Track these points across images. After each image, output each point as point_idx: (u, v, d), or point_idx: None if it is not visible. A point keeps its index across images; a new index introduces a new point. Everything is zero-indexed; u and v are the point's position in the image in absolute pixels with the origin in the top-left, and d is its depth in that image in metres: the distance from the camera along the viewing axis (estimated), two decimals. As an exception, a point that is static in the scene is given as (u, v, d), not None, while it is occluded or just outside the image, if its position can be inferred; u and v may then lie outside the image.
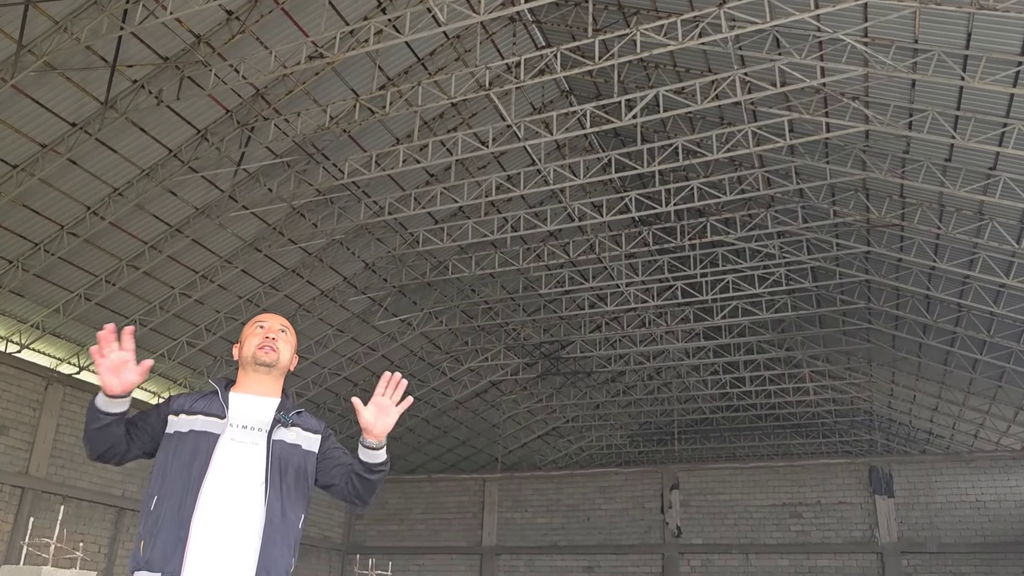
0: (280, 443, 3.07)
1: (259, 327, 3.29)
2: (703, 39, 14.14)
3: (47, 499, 18.84)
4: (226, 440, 3.01)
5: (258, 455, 3.02)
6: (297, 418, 3.19)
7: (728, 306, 25.56)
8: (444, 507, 28.97)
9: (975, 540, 22.99)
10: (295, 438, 3.14)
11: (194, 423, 3.05)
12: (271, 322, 3.33)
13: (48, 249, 17.65)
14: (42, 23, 13.83)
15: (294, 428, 3.15)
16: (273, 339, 3.24)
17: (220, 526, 2.88)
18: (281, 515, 2.98)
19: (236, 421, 3.07)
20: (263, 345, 3.22)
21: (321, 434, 3.24)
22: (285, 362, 3.27)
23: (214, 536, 2.86)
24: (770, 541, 24.88)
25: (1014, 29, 13.11)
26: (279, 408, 3.18)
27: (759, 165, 19.91)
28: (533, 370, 30.92)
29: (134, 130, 16.42)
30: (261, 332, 3.26)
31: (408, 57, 17.64)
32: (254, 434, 3.06)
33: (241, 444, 3.02)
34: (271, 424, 3.10)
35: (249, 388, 3.22)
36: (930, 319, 22.74)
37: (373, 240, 22.28)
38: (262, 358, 3.21)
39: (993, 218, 17.88)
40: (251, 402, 3.16)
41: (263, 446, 3.04)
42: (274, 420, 3.12)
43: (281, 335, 3.28)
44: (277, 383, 3.28)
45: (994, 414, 27.89)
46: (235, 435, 3.03)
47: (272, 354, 3.22)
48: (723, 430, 38.71)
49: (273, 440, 3.06)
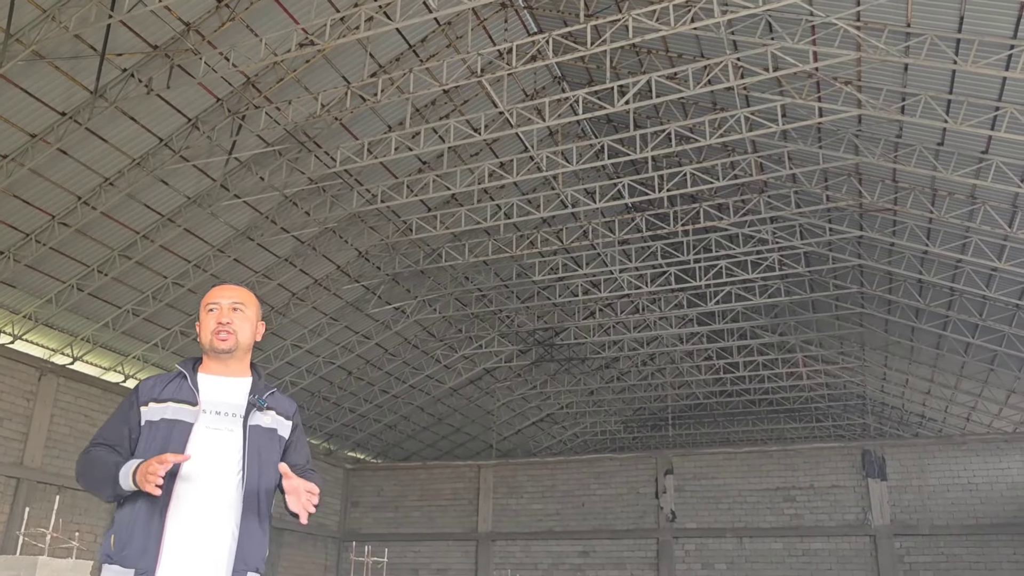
0: (257, 428, 2.96)
1: (211, 309, 3.07)
2: (695, 24, 14.10)
3: (42, 489, 18.84)
4: (200, 428, 2.88)
5: (234, 442, 2.91)
6: (271, 400, 3.06)
7: (721, 291, 25.60)
8: (439, 494, 29.06)
9: (967, 522, 23.17)
10: (271, 422, 3.03)
11: (165, 411, 2.92)
12: (224, 300, 3.10)
13: (40, 239, 17.56)
14: (30, 11, 13.70)
15: (269, 411, 3.04)
16: (228, 323, 3.04)
17: (196, 519, 2.79)
18: (257, 503, 2.92)
19: (209, 407, 2.93)
20: (218, 331, 3.02)
21: (292, 420, 3.12)
22: (247, 342, 3.08)
23: (190, 530, 2.78)
24: (764, 525, 25.04)
25: (1006, 12, 13.09)
26: (252, 390, 3.05)
27: (752, 150, 19.90)
28: (527, 357, 30.96)
29: (124, 119, 16.32)
30: (213, 316, 3.05)
31: (399, 44, 17.55)
32: (229, 420, 2.94)
33: (216, 431, 2.90)
34: (246, 408, 2.98)
35: (216, 370, 3.06)
36: (923, 303, 22.83)
37: (366, 228, 22.23)
38: (219, 346, 3.02)
39: (985, 202, 17.92)
40: (222, 384, 3.02)
41: (239, 433, 2.93)
42: (249, 404, 2.99)
43: (236, 314, 3.07)
44: (243, 362, 3.11)
45: (986, 397, 28.06)
46: (209, 422, 2.90)
47: (229, 339, 3.03)
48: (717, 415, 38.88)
49: (250, 426, 2.95)
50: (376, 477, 30.32)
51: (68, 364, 20.67)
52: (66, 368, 20.29)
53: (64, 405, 19.85)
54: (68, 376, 20.12)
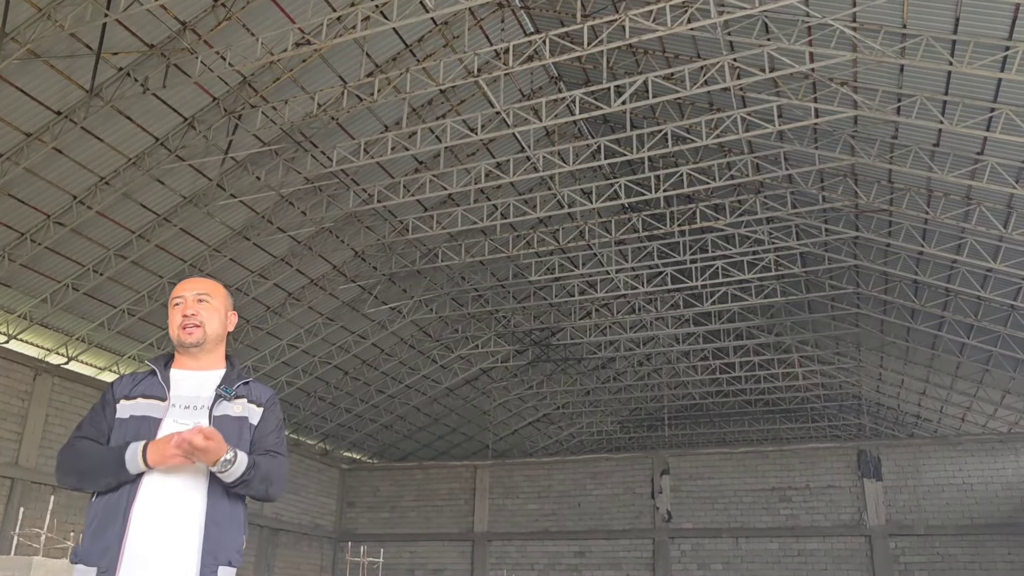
0: (224, 418, 2.90)
1: (177, 303, 3.04)
2: (692, 25, 14.11)
3: (37, 489, 18.80)
4: (168, 423, 2.84)
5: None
6: (244, 389, 3.00)
7: (718, 292, 25.63)
8: (436, 494, 29.05)
9: (962, 522, 23.23)
10: (241, 411, 2.96)
11: (134, 408, 2.89)
12: (189, 292, 3.06)
13: (35, 239, 17.52)
14: (25, 10, 13.67)
15: (240, 400, 2.98)
16: (193, 315, 3.00)
17: (161, 515, 2.75)
18: (226, 497, 2.84)
19: (178, 401, 2.90)
20: (184, 325, 2.99)
21: (263, 406, 3.04)
22: (216, 333, 3.03)
23: (154, 527, 2.73)
24: (760, 525, 25.07)
25: (1001, 14, 13.12)
26: (223, 381, 3.00)
27: (748, 151, 19.93)
28: (523, 357, 30.96)
29: (120, 118, 16.29)
30: (179, 310, 3.02)
31: (396, 44, 17.54)
32: (196, 413, 2.89)
33: (183, 425, 2.83)
34: (212, 399, 2.93)
35: (188, 364, 3.03)
36: (918, 304, 22.87)
37: (362, 228, 22.21)
38: (186, 340, 2.98)
39: (980, 203, 17.96)
40: (194, 378, 2.98)
41: (206, 423, 2.87)
42: (216, 395, 2.94)
43: (202, 305, 3.03)
44: (215, 354, 3.07)
45: (981, 397, 28.13)
46: (177, 416, 2.86)
47: (196, 332, 2.99)
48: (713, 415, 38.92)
49: (215, 416, 2.89)
50: (372, 477, 30.30)
51: (63, 364, 20.63)
52: (61, 368, 20.24)
53: (59, 405, 19.80)
54: (63, 376, 20.08)
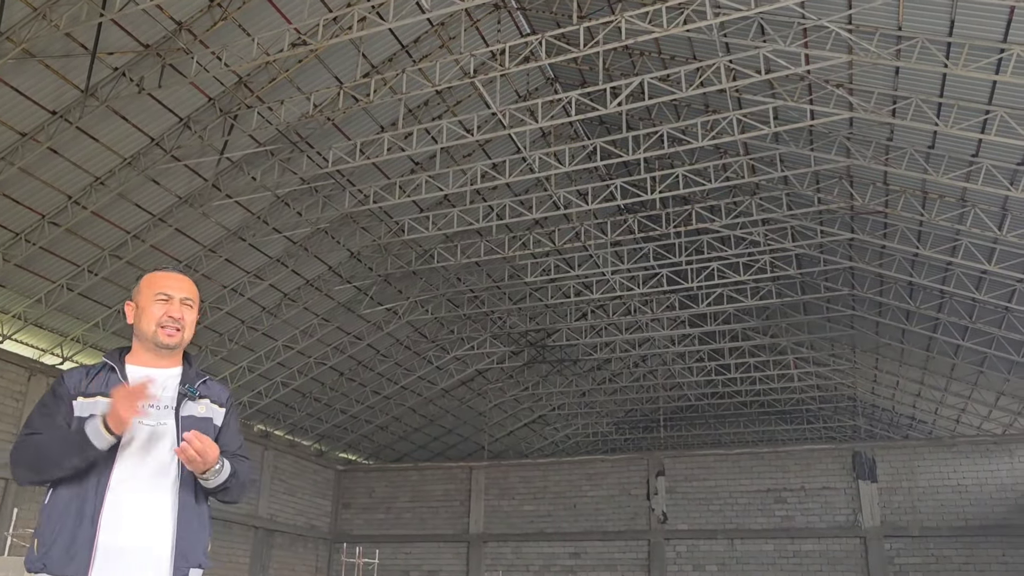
0: (190, 419, 2.83)
1: (162, 299, 2.89)
2: (688, 26, 14.13)
3: (31, 490, 18.71)
4: (133, 423, 2.71)
5: (168, 435, 2.78)
6: (204, 388, 2.93)
7: (713, 293, 25.66)
8: (431, 495, 29.02)
9: (956, 524, 23.28)
10: (205, 411, 2.90)
11: (95, 406, 2.74)
12: (176, 293, 2.91)
13: (29, 239, 17.47)
14: (20, 9, 13.64)
15: (203, 400, 2.91)
16: (179, 318, 2.88)
17: (132, 519, 2.66)
18: (195, 498, 2.80)
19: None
20: (167, 326, 2.86)
21: (224, 406, 2.98)
22: (188, 339, 2.94)
23: (125, 531, 2.64)
24: (755, 526, 25.09)
25: (996, 16, 13.16)
26: (183, 379, 2.91)
27: (744, 152, 19.96)
28: (519, 358, 30.96)
29: (115, 118, 16.25)
30: (163, 307, 2.88)
31: (392, 44, 17.54)
32: (162, 412, 2.80)
33: (148, 426, 2.76)
34: (177, 399, 2.84)
35: (148, 361, 2.91)
36: (913, 305, 22.92)
37: (358, 229, 22.19)
38: (166, 342, 2.87)
39: (975, 205, 18.01)
40: (152, 376, 2.84)
41: (171, 425, 2.79)
42: (180, 394, 2.86)
43: (185, 310, 2.91)
44: (178, 355, 2.98)
45: (976, 399, 28.20)
46: (142, 416, 2.73)
47: (176, 337, 2.88)
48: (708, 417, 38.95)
49: (182, 416, 2.82)
50: (367, 478, 30.26)
51: (58, 364, 20.56)
52: (56, 368, 20.17)
53: (53, 405, 19.73)
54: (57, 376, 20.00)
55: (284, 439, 28.91)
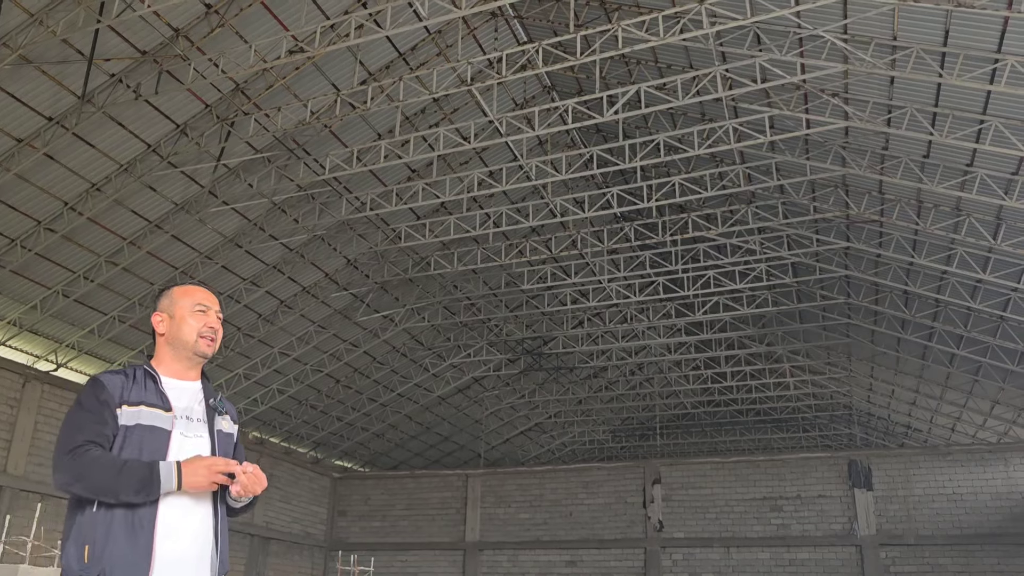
0: (221, 433, 2.94)
1: (200, 310, 3.00)
2: (684, 35, 14.18)
3: (25, 497, 18.64)
4: (176, 435, 2.80)
5: (206, 449, 2.87)
6: (221, 404, 3.03)
7: (709, 302, 25.67)
8: (427, 503, 28.95)
9: (952, 532, 23.26)
10: (228, 427, 3.01)
11: (139, 416, 2.77)
12: (212, 306, 3.05)
13: (25, 245, 17.45)
14: (17, 15, 13.65)
15: (225, 416, 3.01)
16: (217, 331, 3.01)
17: (185, 527, 2.73)
18: (223, 510, 2.89)
19: (180, 413, 2.87)
20: (208, 336, 2.97)
21: (236, 422, 3.11)
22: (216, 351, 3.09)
23: (181, 538, 2.71)
24: (751, 535, 25.05)
25: (990, 26, 13.24)
26: (205, 393, 2.99)
27: (740, 161, 20.01)
28: (515, 366, 30.93)
29: (112, 124, 16.25)
30: (203, 318, 2.99)
31: (389, 52, 17.57)
32: (197, 425, 2.89)
33: (189, 438, 2.85)
34: (208, 413, 2.94)
35: (175, 372, 2.96)
36: (908, 314, 22.97)
37: (355, 236, 22.19)
38: (204, 351, 2.96)
39: (970, 214, 18.06)
40: (184, 388, 2.94)
41: (207, 438, 2.89)
42: (209, 408, 2.95)
43: (218, 323, 3.06)
44: (199, 368, 3.07)
45: (971, 408, 28.23)
46: (183, 428, 2.83)
47: (212, 347, 2.99)
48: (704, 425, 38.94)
49: (216, 431, 2.93)
50: (363, 486, 30.18)
51: (52, 371, 20.51)
52: (50, 375, 20.12)
53: (48, 412, 19.67)
54: (52, 383, 19.95)
55: (280, 446, 28.84)
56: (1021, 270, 18.80)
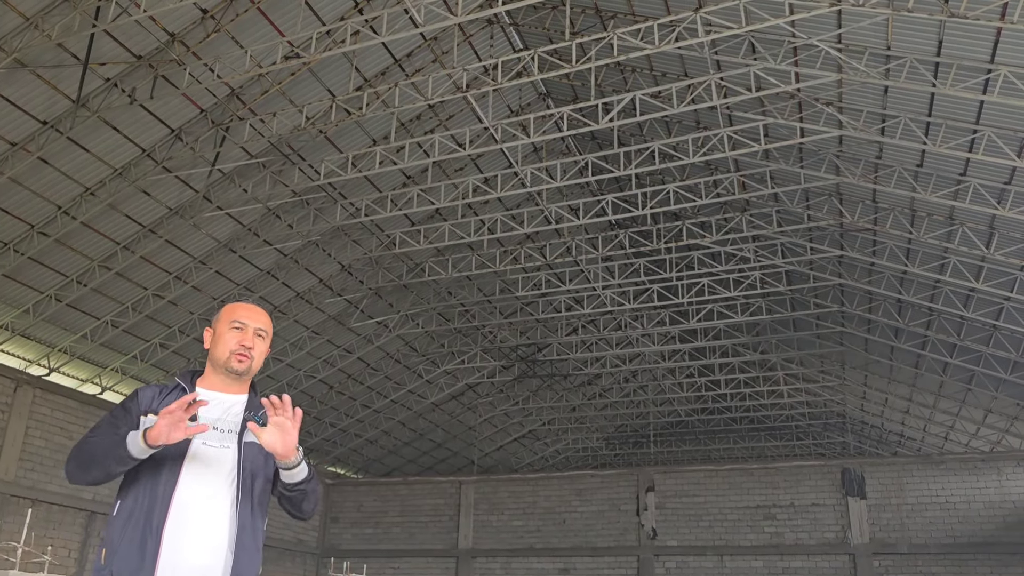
0: (251, 445, 2.96)
1: (237, 327, 3.07)
2: (679, 43, 14.22)
3: (15, 503, 18.53)
4: (197, 443, 2.88)
5: (229, 459, 2.92)
6: (266, 417, 3.01)
7: (704, 309, 25.70)
8: (420, 510, 28.86)
9: (945, 541, 23.28)
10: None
11: None
12: (251, 323, 3.10)
13: (18, 249, 17.38)
14: (12, 19, 13.62)
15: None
16: (251, 347, 3.05)
17: (192, 535, 2.77)
18: (251, 520, 2.90)
19: (207, 423, 2.92)
20: (239, 353, 3.04)
21: None
22: (257, 368, 3.12)
23: (186, 547, 2.75)
24: (744, 543, 25.03)
25: (983, 37, 13.31)
26: (248, 406, 3.05)
27: (734, 169, 20.06)
28: (509, 373, 30.91)
29: (107, 129, 16.22)
30: (238, 335, 3.06)
31: (385, 58, 17.59)
32: (225, 436, 2.94)
33: (212, 448, 2.91)
34: (241, 425, 2.98)
35: (217, 385, 3.07)
36: (902, 323, 23.03)
37: (349, 242, 22.17)
38: (236, 367, 3.03)
39: (963, 223, 18.13)
40: (220, 401, 3.03)
41: (234, 449, 2.93)
42: (244, 420, 2.99)
43: (258, 340, 3.09)
44: (246, 383, 3.14)
45: (964, 417, 28.28)
46: (206, 437, 2.90)
47: (245, 362, 3.05)
48: (698, 433, 38.94)
49: (244, 443, 2.95)
50: (356, 492, 30.08)
51: (44, 375, 20.41)
52: (42, 379, 20.01)
53: (39, 417, 19.56)
54: (44, 388, 19.84)
55: (272, 452, 28.73)
56: (1014, 279, 18.86)
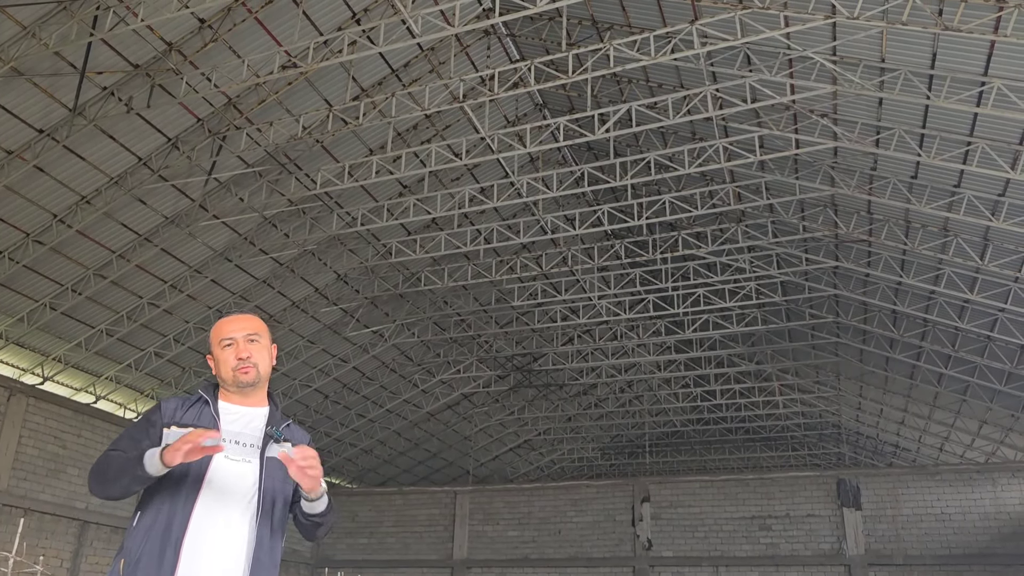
0: (273, 461, 2.94)
1: (228, 344, 3.03)
2: (675, 55, 14.29)
3: (8, 512, 18.42)
4: (219, 457, 2.86)
5: (251, 473, 2.91)
6: (287, 431, 3.06)
7: (699, 319, 25.72)
8: (415, 520, 28.76)
9: (940, 552, 23.26)
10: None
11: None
12: (239, 333, 3.05)
13: (13, 257, 17.34)
14: (10, 28, 13.64)
15: (286, 443, 3.00)
16: (248, 357, 3.00)
17: (211, 549, 2.77)
18: (269, 536, 2.91)
19: (229, 436, 2.92)
20: (240, 368, 3.00)
21: None
22: (266, 372, 3.07)
23: (204, 560, 2.75)
24: (740, 554, 24.98)
25: (977, 50, 13.40)
26: (269, 420, 3.04)
27: (730, 180, 20.12)
28: (505, 382, 30.87)
29: (103, 137, 16.22)
30: (232, 350, 3.02)
31: (382, 68, 17.63)
32: (247, 450, 2.93)
33: (234, 462, 2.89)
34: (263, 440, 2.97)
35: (236, 399, 3.05)
36: (897, 334, 23.07)
37: (345, 251, 22.17)
38: (244, 380, 3.00)
39: (958, 235, 18.20)
40: (241, 413, 3.02)
41: (256, 464, 2.92)
42: (265, 435, 2.98)
43: (253, 346, 3.04)
44: (262, 391, 3.11)
45: (959, 427, 28.31)
46: (228, 451, 2.89)
47: (251, 372, 3.01)
48: (694, 443, 38.91)
49: (266, 458, 2.94)
50: (351, 502, 29.96)
51: (38, 384, 20.33)
52: (36, 388, 19.93)
53: (33, 426, 19.48)
54: (38, 396, 19.76)
55: (267, 462, 28.63)
56: (1008, 290, 18.93)
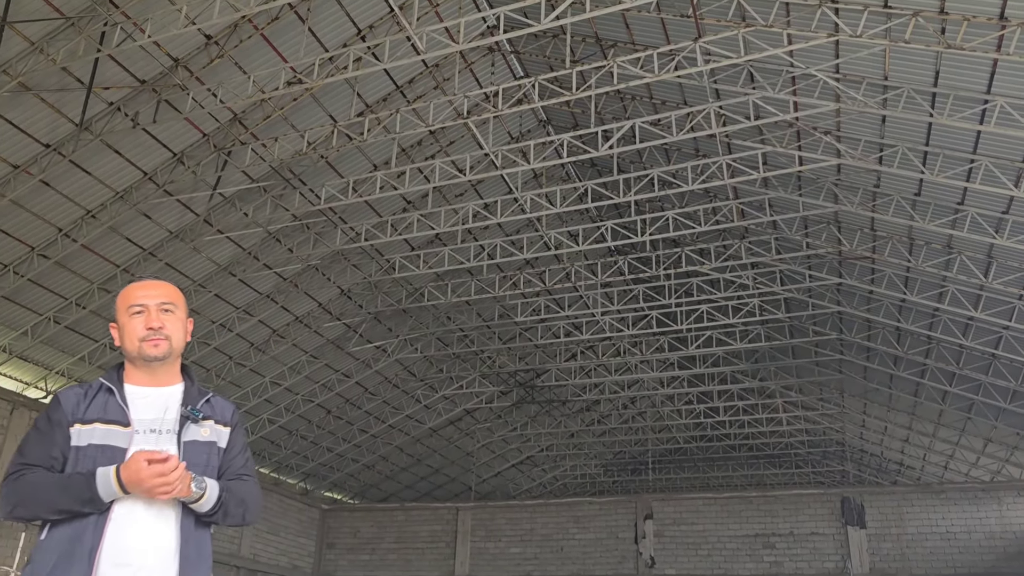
0: (193, 444, 2.65)
1: (137, 311, 2.69)
2: (679, 72, 14.36)
3: (8, 527, 18.37)
4: (131, 452, 2.52)
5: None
6: (207, 408, 2.74)
7: (702, 336, 25.67)
8: (417, 536, 28.62)
9: (945, 571, 23.07)
10: (209, 435, 2.72)
11: (92, 434, 2.56)
12: (151, 300, 2.71)
13: (17, 271, 17.38)
14: (18, 44, 13.74)
15: (207, 422, 2.71)
16: (160, 327, 2.68)
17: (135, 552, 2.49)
18: (195, 528, 2.62)
19: (141, 426, 2.60)
20: (149, 338, 2.66)
21: (230, 425, 2.79)
22: (180, 345, 2.74)
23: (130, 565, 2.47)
24: (743, 572, 24.80)
25: (980, 68, 13.44)
26: (185, 399, 2.71)
27: (733, 197, 20.14)
28: (508, 398, 30.80)
29: (109, 152, 16.30)
30: (141, 319, 2.68)
31: (387, 84, 17.72)
32: (163, 437, 2.60)
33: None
34: (180, 423, 2.65)
35: (144, 380, 2.71)
36: (901, 351, 23.00)
37: (349, 266, 22.20)
38: (152, 353, 2.67)
39: (961, 252, 18.18)
40: (152, 396, 2.68)
41: (174, 452, 2.58)
42: (182, 417, 2.66)
43: (167, 316, 2.71)
44: (174, 367, 2.78)
45: (963, 446, 28.15)
46: (143, 443, 2.55)
47: (162, 345, 2.68)
48: (697, 460, 38.73)
49: (185, 443, 2.63)
50: (353, 518, 29.84)
51: (42, 398, 20.33)
52: (39, 402, 19.92)
53: (35, 440, 19.45)
54: (41, 410, 19.75)
55: (269, 477, 28.55)
56: (1012, 308, 18.88)
